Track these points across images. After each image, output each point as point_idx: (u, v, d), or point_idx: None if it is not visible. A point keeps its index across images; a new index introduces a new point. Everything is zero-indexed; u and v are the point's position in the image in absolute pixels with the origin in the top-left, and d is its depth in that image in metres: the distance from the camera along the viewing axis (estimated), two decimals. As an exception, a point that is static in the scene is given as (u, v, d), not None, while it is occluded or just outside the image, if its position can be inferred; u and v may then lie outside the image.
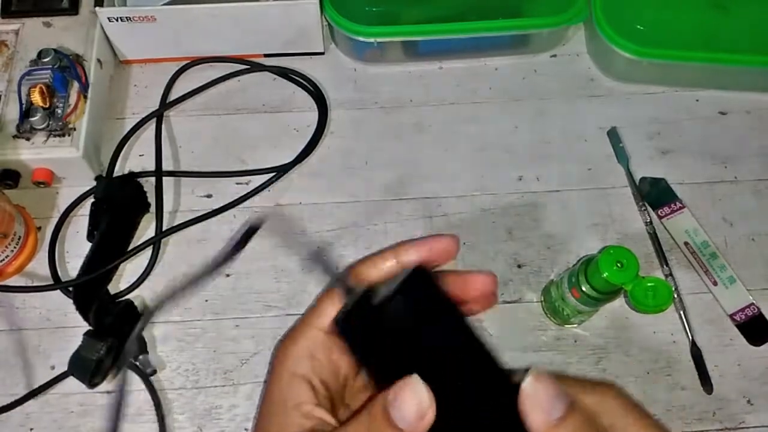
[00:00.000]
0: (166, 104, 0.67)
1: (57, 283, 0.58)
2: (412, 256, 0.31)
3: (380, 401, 0.27)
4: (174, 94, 0.68)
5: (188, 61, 0.69)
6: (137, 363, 0.55)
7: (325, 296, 0.31)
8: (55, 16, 0.65)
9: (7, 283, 0.59)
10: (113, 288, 0.59)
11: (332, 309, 0.30)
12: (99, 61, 0.64)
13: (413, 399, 0.27)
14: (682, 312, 0.58)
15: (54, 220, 0.62)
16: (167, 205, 0.63)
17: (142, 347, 0.56)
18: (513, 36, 0.69)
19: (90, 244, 0.59)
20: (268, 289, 0.59)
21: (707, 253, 0.60)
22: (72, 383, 0.54)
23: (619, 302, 0.58)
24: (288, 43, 0.68)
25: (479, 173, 0.65)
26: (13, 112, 0.60)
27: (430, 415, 0.27)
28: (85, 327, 0.55)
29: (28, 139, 0.60)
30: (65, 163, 0.60)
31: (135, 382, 0.56)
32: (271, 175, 0.64)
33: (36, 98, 0.59)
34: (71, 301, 0.57)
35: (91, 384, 0.53)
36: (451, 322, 0.27)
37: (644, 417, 0.29)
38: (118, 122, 0.67)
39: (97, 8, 0.64)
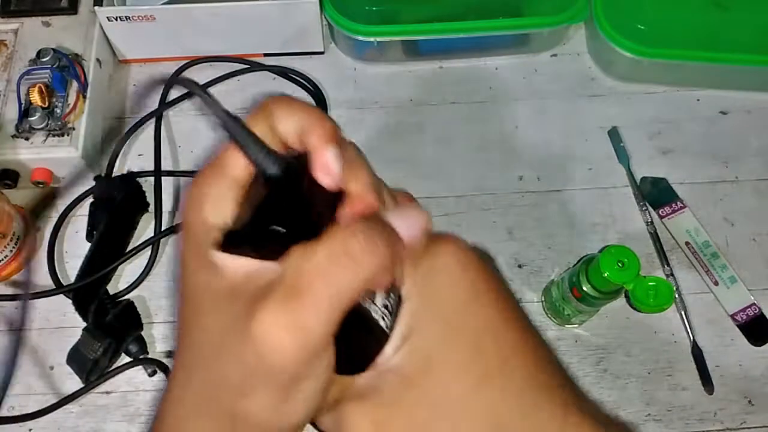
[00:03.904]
0: (165, 104, 0.67)
1: (57, 288, 0.58)
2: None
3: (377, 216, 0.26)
4: (173, 94, 0.68)
5: (188, 61, 0.69)
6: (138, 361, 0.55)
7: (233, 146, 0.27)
8: (54, 16, 0.65)
9: (8, 286, 0.59)
10: (112, 288, 0.59)
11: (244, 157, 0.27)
12: (98, 60, 0.64)
13: (417, 213, 0.27)
14: (683, 312, 0.58)
15: (53, 220, 0.61)
16: (166, 204, 0.63)
17: (143, 348, 0.56)
18: (513, 35, 0.69)
19: (89, 244, 0.59)
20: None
21: (708, 253, 0.60)
22: (71, 384, 0.54)
23: (620, 302, 0.57)
24: (288, 42, 0.68)
25: (479, 173, 0.64)
26: (12, 112, 0.60)
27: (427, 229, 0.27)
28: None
29: (27, 139, 0.59)
30: (64, 163, 0.60)
31: (134, 383, 0.56)
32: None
33: (35, 98, 0.59)
34: (70, 301, 0.57)
35: (87, 381, 0.53)
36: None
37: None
38: (117, 122, 0.67)
39: (96, 8, 0.63)
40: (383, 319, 0.26)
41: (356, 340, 0.26)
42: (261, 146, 0.26)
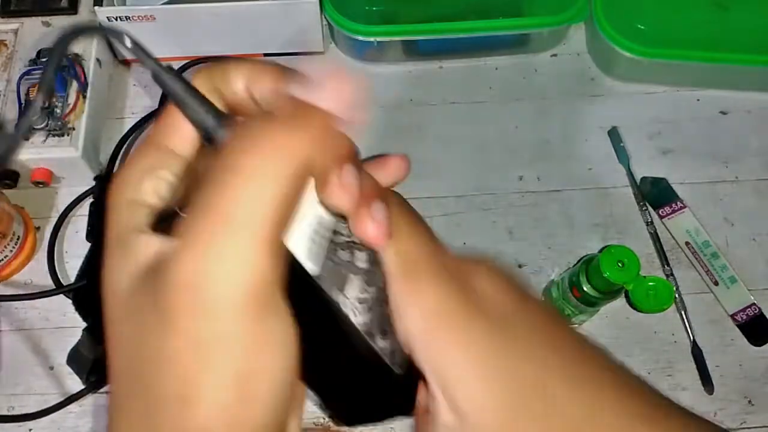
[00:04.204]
0: (165, 104, 0.67)
1: (57, 288, 0.58)
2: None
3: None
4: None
5: (188, 61, 0.69)
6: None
7: (171, 111, 0.23)
8: (54, 16, 0.65)
9: (8, 286, 0.59)
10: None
11: (184, 124, 0.23)
12: (98, 60, 0.64)
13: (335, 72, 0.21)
14: (683, 312, 0.58)
15: (53, 220, 0.61)
16: (167, 204, 0.63)
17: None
18: (513, 35, 0.69)
19: (89, 244, 0.59)
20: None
21: (708, 253, 0.60)
22: (71, 384, 0.54)
23: (620, 302, 0.57)
24: (288, 42, 0.68)
25: (479, 173, 0.64)
26: (12, 112, 0.60)
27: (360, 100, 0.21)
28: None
29: (27, 139, 0.59)
30: (64, 163, 0.60)
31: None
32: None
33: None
34: (70, 301, 0.57)
35: (87, 382, 0.53)
36: None
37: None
38: (117, 122, 0.67)
39: (96, 8, 0.63)
40: (354, 313, 0.22)
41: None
42: (203, 102, 0.22)
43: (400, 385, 0.23)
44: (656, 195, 0.63)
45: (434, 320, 0.22)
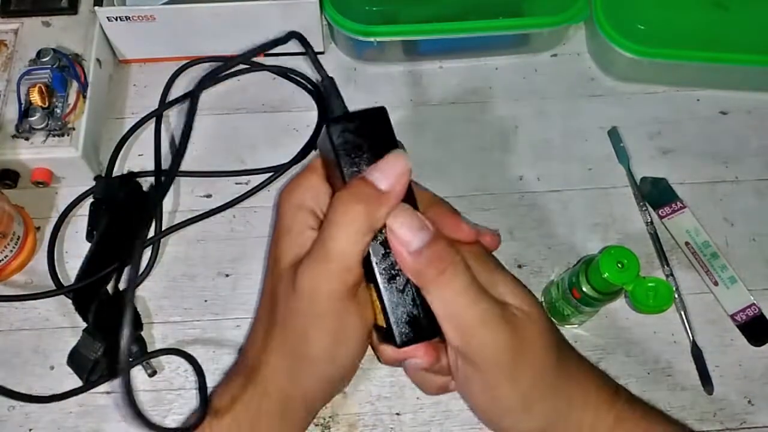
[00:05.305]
0: (165, 104, 0.67)
1: (58, 288, 0.58)
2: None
3: (358, 176, 0.36)
4: (173, 94, 0.68)
5: (188, 61, 0.69)
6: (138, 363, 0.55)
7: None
8: (54, 16, 0.65)
9: (8, 286, 0.59)
10: (112, 288, 0.59)
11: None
12: (98, 60, 0.64)
13: (394, 162, 0.36)
14: (682, 312, 0.58)
15: (53, 220, 0.61)
16: (166, 205, 0.63)
17: (143, 348, 0.56)
18: (513, 35, 0.69)
19: (89, 244, 0.59)
20: (267, 290, 0.59)
21: (708, 253, 0.60)
22: (71, 384, 0.54)
23: (619, 302, 0.57)
24: (288, 42, 0.68)
25: (479, 173, 0.64)
26: (11, 112, 0.60)
27: (407, 177, 0.36)
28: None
29: (27, 139, 0.59)
30: (64, 163, 0.60)
31: (134, 383, 0.56)
32: (270, 174, 0.64)
33: (35, 98, 0.59)
34: (70, 301, 0.57)
35: (88, 382, 0.53)
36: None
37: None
38: (117, 122, 0.67)
39: (96, 8, 0.63)
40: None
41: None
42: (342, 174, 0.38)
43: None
44: (656, 195, 0.63)
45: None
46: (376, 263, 0.37)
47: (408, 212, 0.36)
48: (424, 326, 0.37)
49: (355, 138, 0.37)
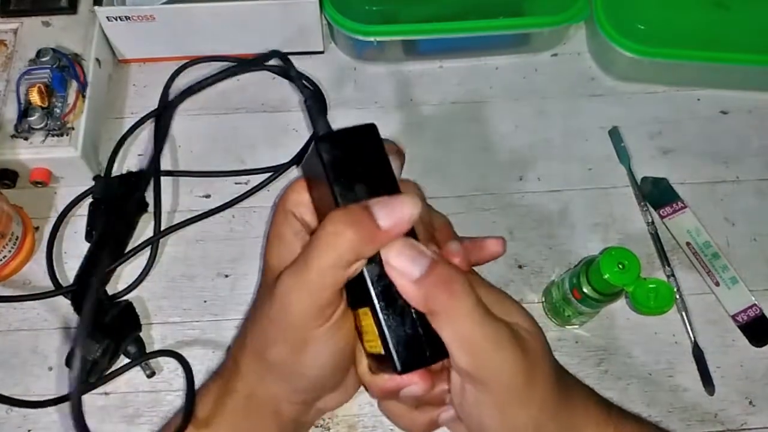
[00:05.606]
0: (165, 104, 0.67)
1: (57, 289, 0.58)
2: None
3: (361, 204, 0.34)
4: (173, 94, 0.68)
5: (187, 61, 0.69)
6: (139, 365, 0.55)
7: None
8: (53, 16, 0.65)
9: (6, 286, 0.59)
10: (111, 288, 0.59)
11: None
12: (98, 60, 0.64)
13: (403, 206, 0.34)
14: (683, 313, 0.58)
15: (52, 220, 0.61)
16: (166, 204, 0.62)
17: (141, 349, 0.56)
18: (514, 35, 0.69)
19: (88, 245, 0.59)
20: (267, 290, 0.59)
21: (709, 254, 0.60)
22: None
23: (620, 303, 0.57)
24: (288, 42, 0.68)
25: (479, 173, 0.64)
26: (11, 112, 0.60)
27: (410, 225, 0.34)
28: (83, 328, 0.55)
29: (26, 139, 0.59)
30: (63, 163, 0.60)
31: (133, 384, 0.56)
32: (270, 174, 0.64)
33: (34, 98, 0.58)
34: (69, 302, 0.57)
35: (87, 383, 0.53)
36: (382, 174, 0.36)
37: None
38: (116, 122, 0.67)
39: (96, 7, 0.63)
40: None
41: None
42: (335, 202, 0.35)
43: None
44: (657, 195, 0.62)
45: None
46: (372, 285, 0.35)
47: (400, 240, 0.34)
48: (426, 350, 0.35)
49: (345, 155, 0.35)
